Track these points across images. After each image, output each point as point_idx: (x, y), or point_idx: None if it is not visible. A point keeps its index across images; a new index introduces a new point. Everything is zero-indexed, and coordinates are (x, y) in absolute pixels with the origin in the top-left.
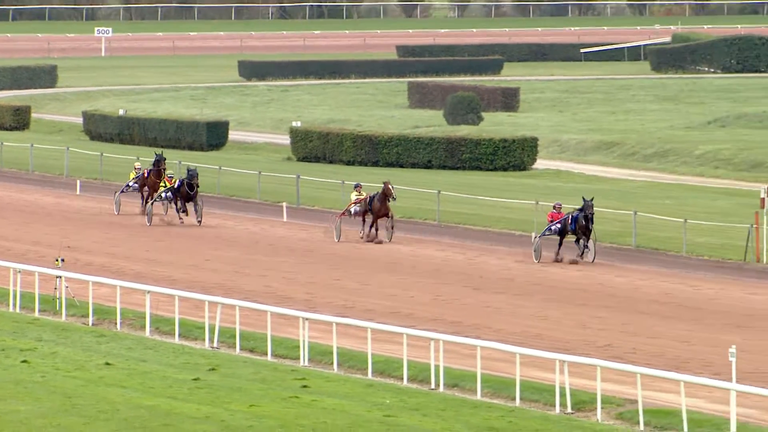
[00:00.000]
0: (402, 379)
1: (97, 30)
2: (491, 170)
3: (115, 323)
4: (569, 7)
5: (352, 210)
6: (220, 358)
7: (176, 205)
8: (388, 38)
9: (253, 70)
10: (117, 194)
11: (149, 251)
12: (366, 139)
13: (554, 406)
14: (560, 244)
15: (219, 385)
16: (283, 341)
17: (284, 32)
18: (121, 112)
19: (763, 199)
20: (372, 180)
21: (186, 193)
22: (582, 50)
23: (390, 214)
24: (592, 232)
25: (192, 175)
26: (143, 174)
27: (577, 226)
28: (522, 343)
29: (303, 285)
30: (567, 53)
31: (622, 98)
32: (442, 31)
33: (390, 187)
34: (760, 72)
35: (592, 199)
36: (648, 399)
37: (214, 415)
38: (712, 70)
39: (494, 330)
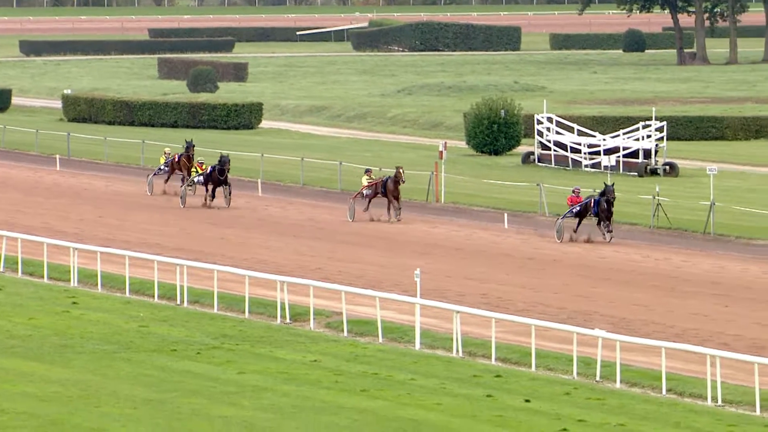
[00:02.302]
0: (154, 296)
1: None
2: (225, 129)
3: None
4: None
5: (365, 193)
6: (4, 281)
7: (206, 189)
8: (142, 23)
9: (31, 47)
10: (150, 177)
11: None
12: (124, 104)
13: (276, 317)
14: (579, 225)
15: (3, 302)
16: (57, 267)
17: (57, 17)
18: None
19: (441, 152)
20: (130, 136)
21: (217, 178)
22: (298, 33)
23: (399, 197)
24: (608, 213)
25: (224, 162)
26: (173, 158)
27: (599, 210)
28: (250, 267)
29: (74, 222)
30: (286, 35)
31: (330, 71)
32: (186, 17)
33: (401, 172)
34: (439, 51)
35: (613, 184)
36: (351, 312)
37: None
38: (401, 49)
39: (228, 257)
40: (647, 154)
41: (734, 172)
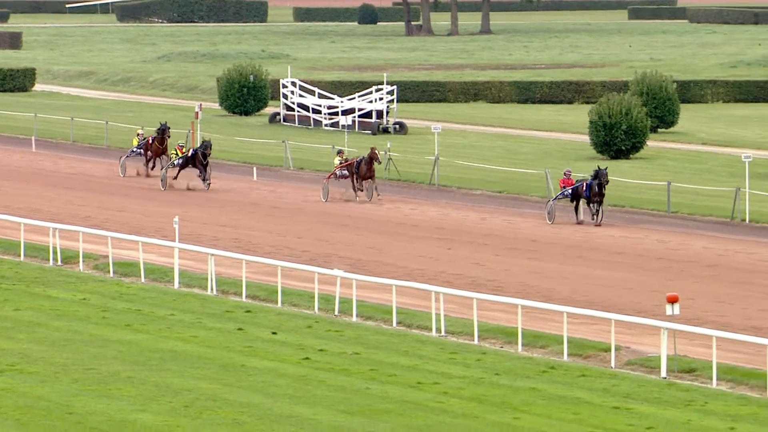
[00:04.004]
0: None
1: None
2: (2, 92)
3: None
4: None
5: (338, 173)
6: None
7: (198, 170)
8: None
9: None
10: (122, 158)
11: None
12: None
13: (49, 260)
14: (576, 209)
15: None
16: None
17: None
18: None
19: (197, 112)
20: None
21: (200, 161)
22: (67, 5)
23: (374, 177)
24: (600, 196)
25: (205, 146)
26: (147, 140)
27: (591, 193)
28: (26, 216)
29: None
30: (57, 7)
31: (97, 40)
32: None
33: (376, 152)
34: (194, 22)
35: (606, 168)
36: (116, 255)
37: None
38: (161, 20)
39: (5, 206)
40: (380, 114)
41: (455, 130)
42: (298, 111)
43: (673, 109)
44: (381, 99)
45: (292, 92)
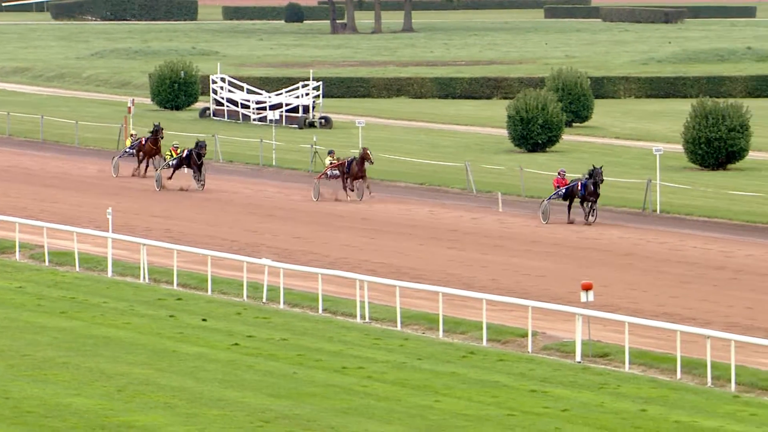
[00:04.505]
0: None
1: None
2: None
3: None
4: None
5: (329, 173)
6: None
7: (182, 170)
8: None
9: None
10: (115, 158)
11: None
12: None
13: None
14: (569, 208)
15: None
16: None
17: None
18: None
19: (130, 107)
20: None
21: (195, 161)
22: (3, 3)
23: (365, 176)
24: (595, 195)
25: (200, 146)
26: (140, 141)
27: (587, 192)
28: None
29: None
30: None
31: (32, 37)
32: None
33: (368, 153)
34: (127, 20)
35: (601, 167)
36: (51, 245)
37: None
38: (94, 18)
39: None
40: (306, 109)
41: (379, 124)
42: (227, 106)
43: (587, 104)
44: (307, 94)
45: (222, 88)
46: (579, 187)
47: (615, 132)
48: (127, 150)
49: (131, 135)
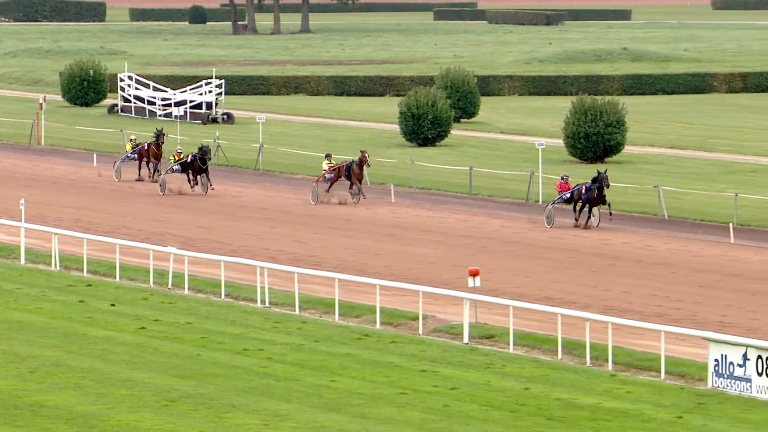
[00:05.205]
0: None
1: None
2: None
3: None
4: None
5: (327, 176)
6: None
7: (188, 177)
8: None
9: None
10: (117, 163)
11: None
12: None
13: None
14: (575, 210)
15: None
16: None
17: None
18: None
19: (42, 104)
20: None
21: (198, 167)
22: None
23: (362, 180)
24: (600, 200)
25: (205, 151)
26: (142, 146)
27: (590, 196)
28: None
29: None
30: None
31: None
32: None
33: (366, 156)
34: (38, 21)
35: (605, 171)
36: None
37: None
38: (7, 19)
39: None
40: (209, 106)
41: (279, 120)
42: (134, 102)
43: (474, 101)
44: (210, 92)
45: (129, 85)
46: (584, 192)
47: (500, 127)
48: (129, 155)
49: (131, 140)
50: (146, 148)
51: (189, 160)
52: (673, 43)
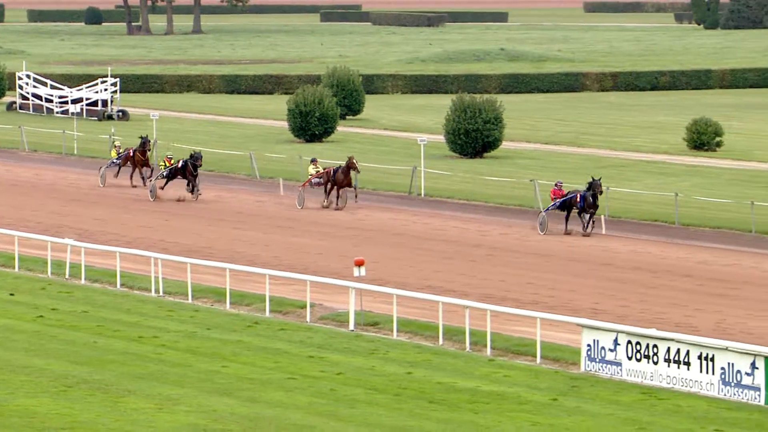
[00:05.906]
0: None
1: None
2: None
3: None
4: None
5: (314, 181)
6: None
7: (167, 182)
8: None
9: None
10: (102, 169)
11: None
12: None
13: None
14: (567, 219)
15: None
16: None
17: None
18: None
19: None
20: None
21: (191, 172)
22: None
23: (353, 185)
24: (593, 206)
25: (196, 158)
26: (128, 152)
27: (585, 204)
28: None
29: None
30: None
31: None
32: None
33: (354, 161)
34: None
35: (599, 179)
36: None
37: None
38: None
39: None
40: (105, 103)
41: (172, 117)
42: (32, 100)
43: (359, 99)
44: (106, 90)
45: (27, 84)
46: (578, 199)
47: (384, 124)
48: (114, 161)
49: (116, 146)
50: (131, 154)
51: (180, 165)
52: (547, 44)
